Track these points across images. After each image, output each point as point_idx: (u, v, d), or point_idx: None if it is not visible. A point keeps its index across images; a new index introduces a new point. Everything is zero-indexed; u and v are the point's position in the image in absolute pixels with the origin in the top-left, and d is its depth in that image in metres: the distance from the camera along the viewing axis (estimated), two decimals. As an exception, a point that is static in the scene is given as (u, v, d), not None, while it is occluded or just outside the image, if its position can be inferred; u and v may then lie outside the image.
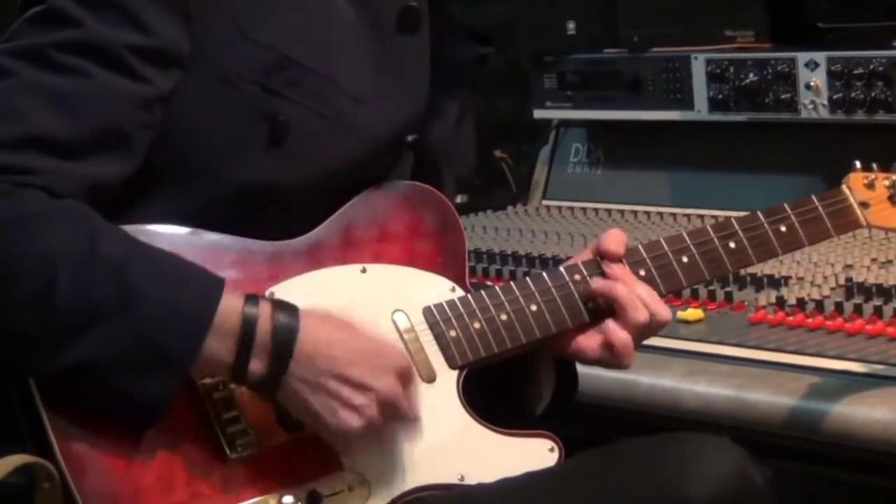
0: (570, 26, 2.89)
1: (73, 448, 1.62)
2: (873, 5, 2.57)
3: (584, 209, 2.88)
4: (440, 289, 1.82)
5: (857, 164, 1.99)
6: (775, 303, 2.24)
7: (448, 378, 1.78)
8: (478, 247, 2.65)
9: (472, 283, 1.86)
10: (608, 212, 2.85)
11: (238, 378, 1.65)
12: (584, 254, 1.89)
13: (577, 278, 1.84)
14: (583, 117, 2.94)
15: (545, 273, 1.84)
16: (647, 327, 1.82)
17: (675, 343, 2.19)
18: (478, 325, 1.79)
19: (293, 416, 1.69)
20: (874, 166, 1.99)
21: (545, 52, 2.92)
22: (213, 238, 1.73)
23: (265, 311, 1.65)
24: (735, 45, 2.72)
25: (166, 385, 1.62)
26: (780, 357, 2.10)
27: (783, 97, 2.60)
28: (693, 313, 2.26)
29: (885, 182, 1.97)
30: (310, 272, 1.76)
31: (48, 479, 1.60)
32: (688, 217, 2.73)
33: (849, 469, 2.03)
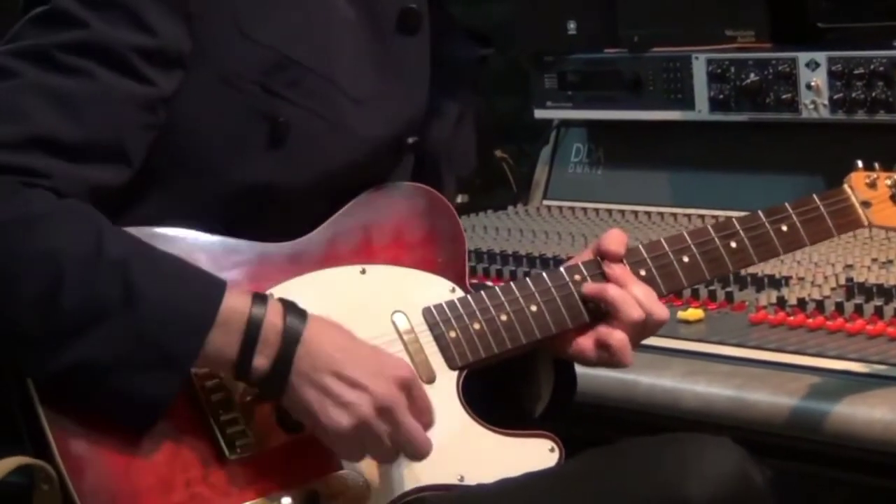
0: (571, 26, 2.89)
1: (71, 449, 1.61)
2: (874, 5, 2.57)
3: (584, 209, 2.87)
4: (440, 290, 1.81)
5: (859, 163, 1.98)
6: (776, 303, 2.24)
7: (448, 379, 1.78)
8: (478, 247, 2.65)
9: (473, 284, 1.85)
10: (609, 212, 2.85)
11: (241, 375, 1.65)
12: (584, 254, 1.89)
13: (578, 278, 1.84)
14: (583, 117, 2.94)
15: (545, 273, 1.84)
16: (644, 326, 1.82)
17: (675, 343, 2.19)
18: (478, 325, 1.79)
19: (293, 415, 1.68)
20: (876, 165, 1.99)
21: (546, 52, 2.92)
22: (212, 239, 1.73)
23: (274, 312, 1.64)
24: (736, 45, 2.72)
25: (166, 385, 1.61)
26: (780, 357, 2.10)
27: (784, 97, 2.60)
28: (693, 313, 2.26)
29: (888, 181, 1.97)
30: (309, 273, 1.76)
31: (47, 481, 1.59)
32: (689, 217, 2.72)
33: (849, 469, 2.03)
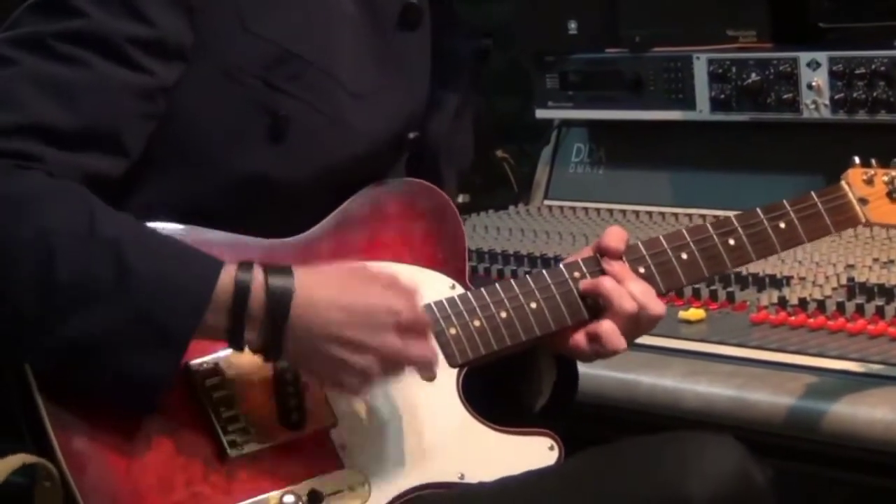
0: (572, 26, 2.89)
1: (73, 447, 1.61)
2: (875, 5, 2.57)
3: (585, 209, 2.87)
4: (440, 286, 1.81)
5: (856, 159, 1.98)
6: (777, 303, 2.24)
7: (448, 376, 1.78)
8: (479, 247, 2.65)
9: (473, 284, 1.85)
10: (610, 212, 2.85)
11: (237, 347, 1.64)
12: (584, 252, 1.89)
13: (577, 276, 1.84)
14: (584, 117, 2.94)
15: (545, 271, 1.84)
16: (638, 320, 1.81)
17: (676, 343, 2.19)
18: (478, 322, 1.79)
19: (305, 378, 1.68)
20: (873, 162, 1.99)
21: (546, 52, 2.92)
22: (212, 234, 1.72)
23: (258, 278, 1.63)
24: (737, 45, 2.72)
25: (165, 364, 1.60)
26: (781, 357, 2.10)
27: (785, 97, 2.60)
28: (695, 313, 2.26)
29: (884, 178, 1.97)
30: None
31: (48, 478, 1.59)
32: (689, 217, 2.72)
33: (850, 469, 2.03)
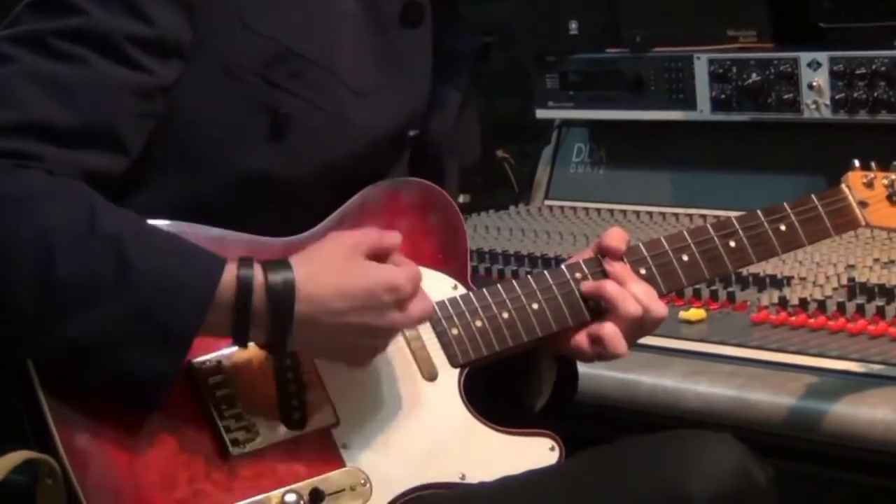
0: (573, 26, 2.89)
1: (75, 444, 1.61)
2: (875, 5, 2.57)
3: (586, 209, 2.88)
4: (442, 286, 1.81)
5: (856, 162, 1.98)
6: (777, 303, 2.24)
7: (449, 376, 1.78)
8: (480, 247, 2.65)
9: (475, 284, 1.85)
10: (610, 212, 2.85)
11: (241, 344, 1.64)
12: (585, 252, 1.89)
13: (579, 276, 1.84)
14: (585, 117, 2.94)
15: (546, 272, 1.84)
16: (641, 322, 1.82)
17: (676, 343, 2.20)
18: (479, 323, 1.79)
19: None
20: (873, 165, 1.99)
21: (547, 52, 2.92)
22: (213, 232, 1.72)
23: (259, 274, 1.62)
24: (737, 45, 2.72)
25: (167, 362, 1.60)
26: (782, 357, 2.10)
27: (785, 97, 2.60)
28: (695, 313, 2.26)
29: (884, 181, 1.97)
30: None
31: (51, 476, 1.59)
32: (690, 217, 2.72)
33: (851, 469, 2.03)
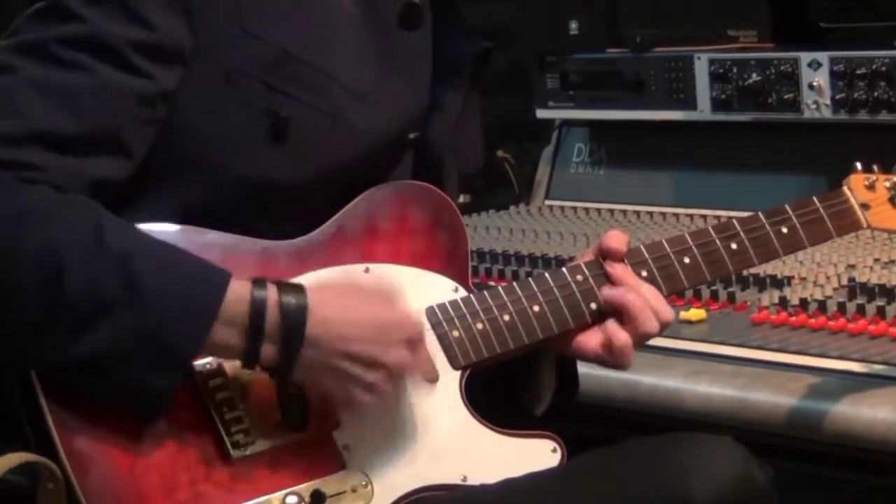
0: (573, 26, 2.89)
1: (76, 448, 1.61)
2: (875, 5, 2.57)
3: (586, 209, 2.88)
4: (443, 289, 1.81)
5: (858, 165, 1.98)
6: (778, 303, 2.24)
7: (451, 379, 1.78)
8: (480, 247, 2.65)
9: (475, 284, 1.85)
10: (611, 212, 2.85)
11: (250, 363, 1.65)
12: (586, 255, 1.89)
13: (580, 279, 1.84)
14: (585, 117, 2.94)
15: (547, 273, 1.84)
16: (654, 333, 1.83)
17: (677, 343, 2.19)
18: (480, 325, 1.79)
19: (314, 395, 1.68)
20: (875, 168, 1.99)
21: (548, 52, 2.92)
22: (215, 237, 1.73)
23: (272, 295, 1.64)
24: (738, 45, 2.72)
25: (168, 377, 1.61)
26: (782, 357, 2.10)
27: (786, 97, 2.60)
28: (696, 313, 2.26)
29: (886, 183, 1.97)
30: (313, 272, 1.76)
31: (51, 479, 1.59)
32: (690, 217, 2.72)
33: (852, 469, 2.03)
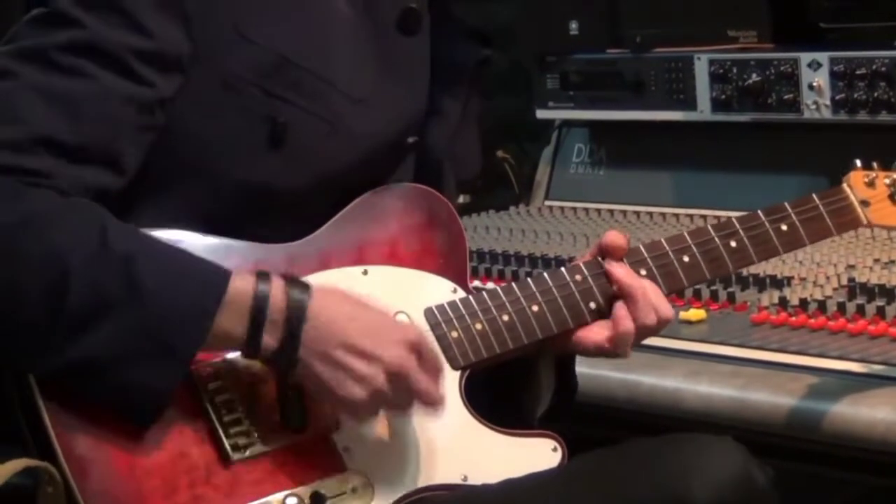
0: (573, 26, 2.89)
1: (75, 451, 1.61)
2: (875, 5, 2.57)
3: (586, 210, 2.87)
4: (441, 290, 1.82)
5: (858, 162, 1.99)
6: (778, 303, 2.24)
7: (450, 379, 1.77)
8: (480, 247, 2.65)
9: (474, 288, 1.85)
10: (611, 212, 2.85)
11: (251, 353, 1.65)
12: (585, 256, 1.89)
13: (578, 278, 1.84)
14: (585, 117, 2.94)
15: (546, 274, 1.85)
16: (653, 327, 1.83)
17: (677, 343, 2.19)
18: (479, 325, 1.79)
19: (305, 387, 1.68)
20: (874, 165, 1.99)
21: (548, 53, 2.92)
22: (214, 241, 1.73)
23: (277, 287, 1.64)
24: (738, 46, 2.72)
25: (166, 377, 1.61)
26: (782, 357, 2.10)
27: (786, 97, 2.60)
28: (695, 314, 2.26)
29: (886, 180, 1.97)
30: (311, 274, 1.76)
31: (51, 483, 1.59)
32: (690, 217, 2.72)
33: (851, 470, 2.03)
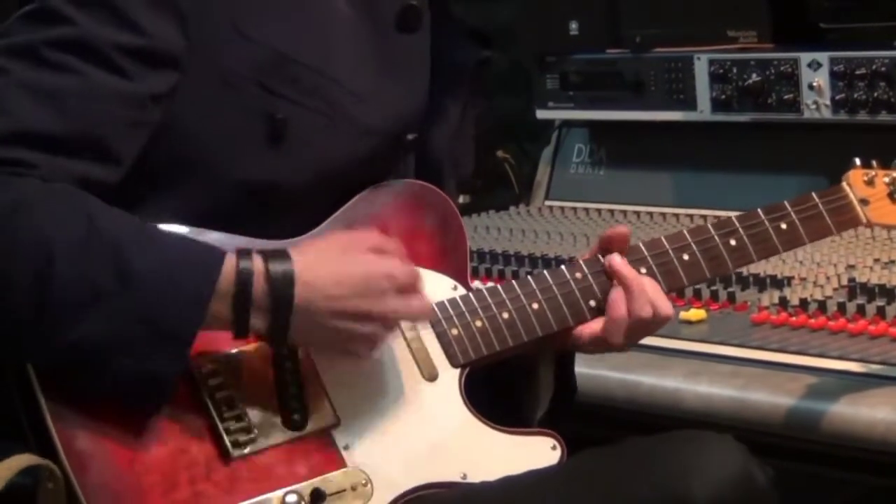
0: (573, 26, 2.89)
1: (76, 447, 1.61)
2: (876, 5, 2.57)
3: (586, 209, 2.88)
4: (442, 287, 1.81)
5: (857, 160, 1.99)
6: (778, 303, 2.24)
7: (450, 377, 1.78)
8: (480, 247, 2.65)
9: (474, 286, 1.86)
10: (611, 212, 2.85)
11: (241, 335, 1.65)
12: (585, 255, 1.89)
13: (579, 276, 1.84)
14: (585, 118, 2.94)
15: (546, 272, 1.85)
16: (649, 322, 1.82)
17: (677, 343, 2.19)
18: (479, 323, 1.80)
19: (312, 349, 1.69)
20: (874, 163, 1.99)
21: (548, 53, 2.92)
22: (214, 236, 1.72)
23: (258, 265, 1.64)
24: (738, 46, 2.72)
25: (169, 360, 1.60)
26: (782, 357, 2.10)
27: (786, 97, 2.60)
28: (696, 313, 2.26)
29: (885, 179, 1.98)
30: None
31: (51, 480, 1.59)
32: (690, 217, 2.72)
33: (851, 469, 2.03)
